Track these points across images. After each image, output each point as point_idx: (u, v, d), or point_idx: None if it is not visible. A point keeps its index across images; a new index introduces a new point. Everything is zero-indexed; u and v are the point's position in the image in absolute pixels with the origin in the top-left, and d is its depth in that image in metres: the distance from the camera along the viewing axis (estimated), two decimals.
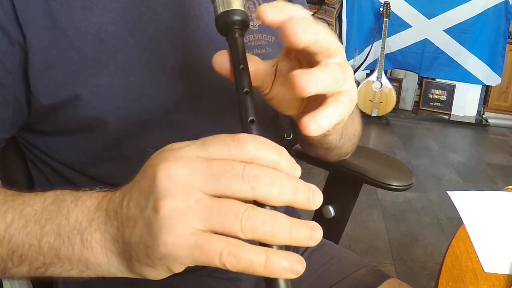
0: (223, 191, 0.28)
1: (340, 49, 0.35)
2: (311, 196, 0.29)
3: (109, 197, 0.34)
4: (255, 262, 0.27)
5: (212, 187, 0.28)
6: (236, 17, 0.35)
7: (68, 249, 0.34)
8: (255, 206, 0.28)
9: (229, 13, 0.35)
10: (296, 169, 0.30)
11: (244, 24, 0.36)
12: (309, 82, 0.31)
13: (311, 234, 0.28)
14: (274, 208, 0.29)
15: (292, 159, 0.30)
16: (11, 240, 0.36)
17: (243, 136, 0.29)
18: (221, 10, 0.35)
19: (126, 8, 0.47)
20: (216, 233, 0.28)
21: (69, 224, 0.34)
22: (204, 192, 0.28)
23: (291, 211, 0.64)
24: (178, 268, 0.30)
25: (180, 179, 0.28)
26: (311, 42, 0.32)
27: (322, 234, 0.29)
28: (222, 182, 0.28)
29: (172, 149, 0.30)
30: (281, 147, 0.30)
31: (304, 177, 0.29)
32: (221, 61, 0.35)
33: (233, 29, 0.35)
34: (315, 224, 0.29)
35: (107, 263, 0.33)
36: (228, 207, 0.28)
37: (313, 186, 0.30)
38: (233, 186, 0.28)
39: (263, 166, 0.29)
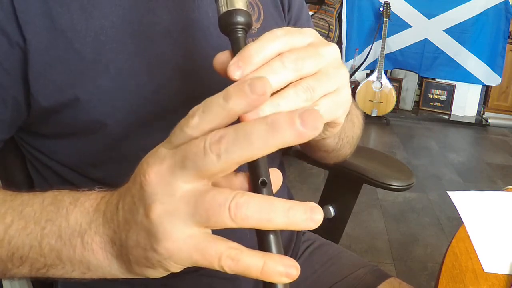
0: (196, 174, 0.27)
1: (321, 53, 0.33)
2: (289, 131, 0.25)
3: (107, 198, 0.34)
4: (252, 266, 0.27)
5: (186, 176, 0.27)
6: (239, 17, 0.35)
7: (69, 251, 0.34)
8: (245, 192, 0.27)
9: (232, 12, 0.35)
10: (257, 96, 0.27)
11: (247, 24, 0.36)
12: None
13: (311, 216, 0.27)
14: (271, 192, 0.29)
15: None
16: (11, 242, 0.36)
17: (191, 110, 0.28)
18: (224, 10, 0.35)
19: (125, 11, 0.47)
20: (211, 227, 0.28)
21: (69, 226, 0.34)
22: (184, 184, 0.27)
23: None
24: (177, 269, 0.30)
25: (161, 180, 0.28)
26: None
27: (322, 215, 0.27)
28: (189, 166, 0.27)
29: (154, 152, 0.30)
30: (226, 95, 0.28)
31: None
32: (223, 61, 0.34)
33: (235, 28, 0.35)
34: (314, 205, 0.27)
35: (108, 265, 0.33)
36: (210, 199, 0.27)
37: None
38: (199, 165, 0.26)
39: (224, 128, 0.26)
